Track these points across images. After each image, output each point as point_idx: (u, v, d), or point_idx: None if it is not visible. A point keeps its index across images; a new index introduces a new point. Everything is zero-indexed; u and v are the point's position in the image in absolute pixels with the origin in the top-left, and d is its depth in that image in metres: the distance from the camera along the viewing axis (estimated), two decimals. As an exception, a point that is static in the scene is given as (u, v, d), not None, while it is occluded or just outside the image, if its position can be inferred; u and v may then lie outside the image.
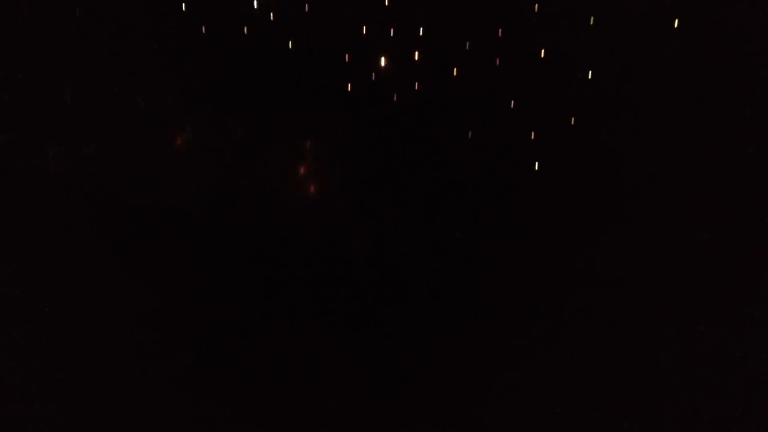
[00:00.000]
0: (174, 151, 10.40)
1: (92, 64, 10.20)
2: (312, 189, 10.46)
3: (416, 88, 10.43)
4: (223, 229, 9.82)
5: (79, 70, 10.04)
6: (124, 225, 9.61)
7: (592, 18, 9.33)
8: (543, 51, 9.68)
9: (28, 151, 9.63)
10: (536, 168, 9.96)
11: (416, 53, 10.26)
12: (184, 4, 10.14)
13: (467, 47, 10.06)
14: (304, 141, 10.61)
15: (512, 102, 10.02)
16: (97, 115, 10.09)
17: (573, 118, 9.63)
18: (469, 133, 10.14)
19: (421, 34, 10.18)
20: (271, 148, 10.46)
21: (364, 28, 10.28)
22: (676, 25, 9.10)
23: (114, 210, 9.71)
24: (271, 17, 10.36)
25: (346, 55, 10.41)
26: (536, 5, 9.57)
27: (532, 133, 9.95)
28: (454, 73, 10.24)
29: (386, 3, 10.13)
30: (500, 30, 9.80)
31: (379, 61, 10.36)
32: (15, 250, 9.17)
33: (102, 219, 9.62)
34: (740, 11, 8.52)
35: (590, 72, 9.30)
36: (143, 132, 10.23)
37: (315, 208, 10.30)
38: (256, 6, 10.36)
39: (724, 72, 8.81)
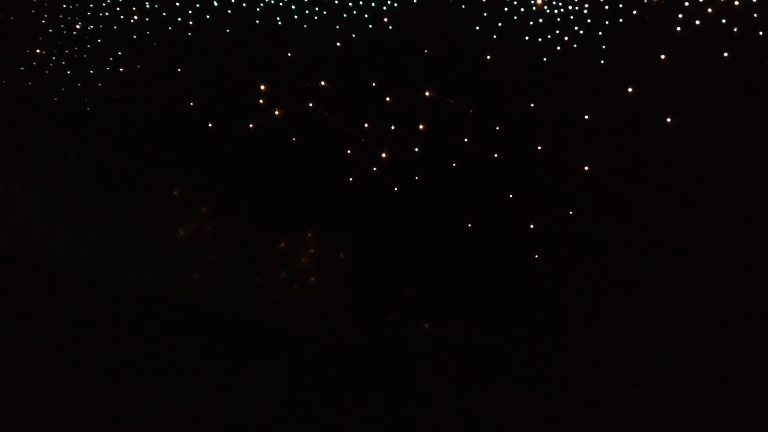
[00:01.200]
0: (179, 242, 10.56)
1: (101, 165, 10.51)
2: (313, 279, 10.52)
3: (416, 179, 10.67)
4: (226, 319, 9.86)
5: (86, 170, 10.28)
6: (127, 313, 9.71)
7: (586, 115, 9.61)
8: (539, 146, 9.92)
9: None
10: (536, 257, 10.04)
11: (416, 148, 10.54)
12: (191, 102, 10.51)
13: (466, 141, 10.34)
14: (305, 232, 10.75)
15: (511, 194, 10.19)
16: (103, 207, 10.32)
17: (571, 211, 9.76)
18: (469, 224, 10.29)
19: (421, 128, 10.49)
20: (275, 240, 10.61)
21: (366, 123, 10.62)
22: (668, 120, 9.33)
23: (117, 298, 9.83)
24: (276, 113, 10.72)
25: (348, 149, 10.71)
26: (531, 103, 9.88)
27: (531, 225, 10.08)
28: (454, 166, 10.49)
29: (387, 99, 10.50)
30: (497, 126, 10.07)
31: (381, 154, 10.64)
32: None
33: (104, 305, 9.73)
34: (729, 109, 8.78)
35: (586, 166, 9.48)
36: (149, 222, 10.43)
37: (316, 298, 10.35)
38: (261, 102, 10.73)
39: (715, 167, 9.00)
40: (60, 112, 10.78)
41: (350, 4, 9.94)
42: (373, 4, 9.92)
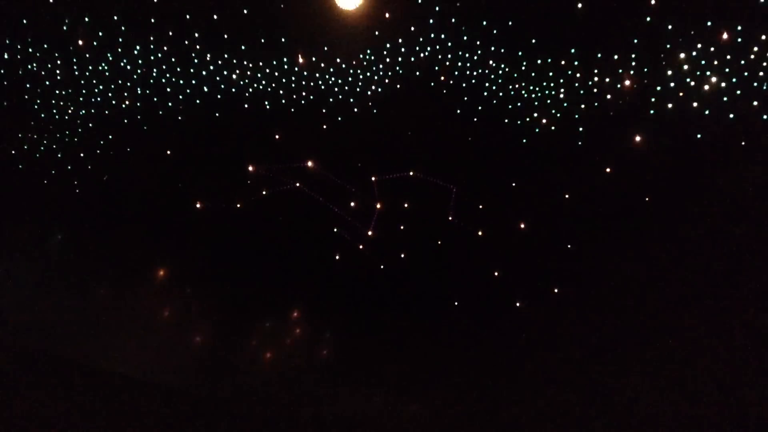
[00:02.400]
0: (165, 323, 10.51)
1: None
2: (299, 359, 10.45)
3: (402, 257, 10.79)
4: (214, 404, 9.72)
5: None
6: (112, 396, 9.54)
7: (567, 194, 9.84)
8: (522, 224, 10.11)
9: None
10: (523, 337, 10.08)
11: (401, 225, 10.71)
12: (180, 183, 10.67)
13: (450, 219, 10.53)
14: (292, 311, 10.75)
15: (496, 272, 10.31)
16: (89, 288, 10.30)
17: (556, 288, 9.86)
18: (455, 302, 10.36)
19: (405, 206, 10.69)
20: (261, 320, 10.60)
21: (352, 202, 10.81)
22: (647, 199, 9.56)
23: (103, 381, 9.68)
24: (263, 192, 10.90)
25: (334, 228, 10.85)
26: (513, 182, 10.13)
27: (517, 303, 10.17)
28: (439, 243, 10.65)
29: (373, 178, 10.72)
30: (481, 204, 10.28)
31: (367, 232, 10.78)
32: None
33: (90, 388, 9.56)
34: (703, 187, 9.02)
35: (569, 245, 9.63)
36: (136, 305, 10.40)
37: (303, 378, 10.25)
38: (249, 182, 10.92)
39: (691, 242, 9.19)
40: (49, 194, 10.89)
41: (336, 89, 10.27)
42: (358, 89, 10.26)
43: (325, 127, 10.57)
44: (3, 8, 10.08)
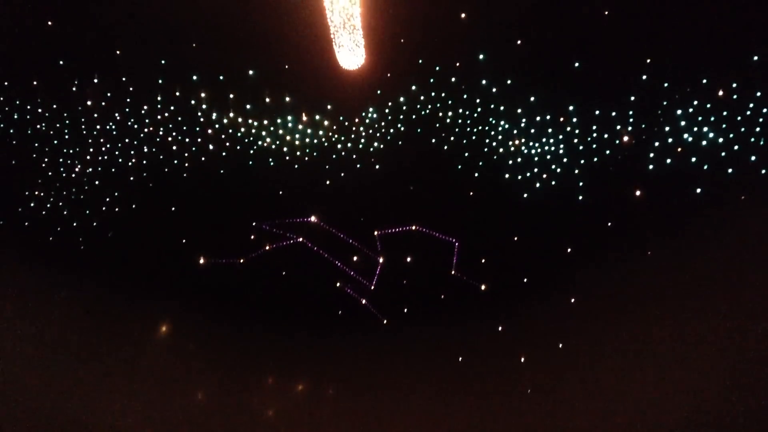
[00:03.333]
0: (167, 379, 10.43)
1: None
2: (302, 416, 10.31)
3: (405, 312, 10.76)
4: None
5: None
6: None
7: (569, 248, 9.87)
8: (525, 278, 10.11)
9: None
10: (528, 391, 9.95)
11: (404, 280, 10.72)
12: (184, 239, 10.76)
13: (453, 273, 10.54)
14: (295, 367, 10.67)
15: (500, 326, 10.26)
16: (92, 345, 10.26)
17: (560, 344, 9.79)
18: (459, 357, 10.28)
19: (408, 261, 10.71)
20: (263, 376, 10.51)
21: (355, 256, 10.85)
22: (649, 253, 9.58)
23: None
24: (267, 248, 10.95)
25: (337, 282, 10.86)
26: (516, 236, 10.18)
27: (522, 358, 10.07)
28: (442, 298, 10.63)
29: (375, 233, 10.79)
30: (483, 258, 10.31)
31: (370, 286, 10.78)
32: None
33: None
34: (703, 240, 9.05)
35: (572, 299, 9.61)
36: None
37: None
38: (253, 237, 10.99)
39: (693, 295, 9.16)
40: (55, 251, 10.96)
41: (339, 146, 10.44)
42: (360, 145, 10.42)
43: (328, 182, 10.71)
44: (14, 70, 10.36)
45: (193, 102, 10.33)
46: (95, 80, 10.35)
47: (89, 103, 10.46)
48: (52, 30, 9.86)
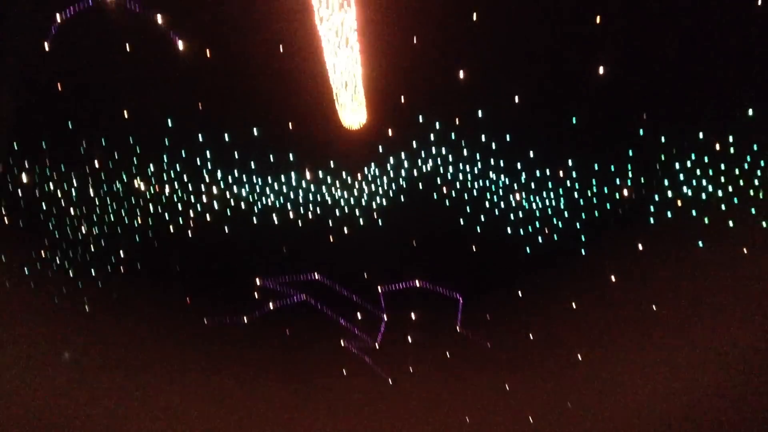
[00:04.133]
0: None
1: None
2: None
3: (411, 371, 10.63)
4: None
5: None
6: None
7: (573, 303, 9.81)
8: (531, 334, 10.02)
9: None
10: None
11: (409, 336, 10.63)
12: (188, 299, 10.76)
13: (458, 330, 10.46)
14: (299, 428, 10.49)
15: (507, 384, 10.10)
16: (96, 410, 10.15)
17: (568, 402, 9.61)
18: (467, 418, 10.09)
19: (412, 317, 10.66)
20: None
21: (359, 313, 10.80)
22: (654, 308, 9.50)
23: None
24: (271, 306, 10.93)
25: (342, 340, 10.79)
26: (520, 291, 10.14)
27: (530, 417, 9.88)
28: (447, 355, 10.51)
29: (379, 289, 10.77)
30: (488, 314, 10.25)
31: (374, 345, 10.69)
32: None
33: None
34: (707, 294, 8.99)
35: (579, 355, 9.49)
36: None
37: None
38: (256, 296, 10.99)
39: (703, 351, 9.04)
40: (60, 313, 10.95)
41: (342, 202, 10.55)
42: (363, 202, 10.53)
43: (331, 239, 10.76)
44: (23, 132, 10.61)
45: (198, 161, 10.51)
46: (102, 141, 10.57)
47: (96, 164, 10.65)
48: (61, 93, 10.13)
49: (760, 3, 8.25)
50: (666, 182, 9.23)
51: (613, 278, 9.52)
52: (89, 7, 8.66)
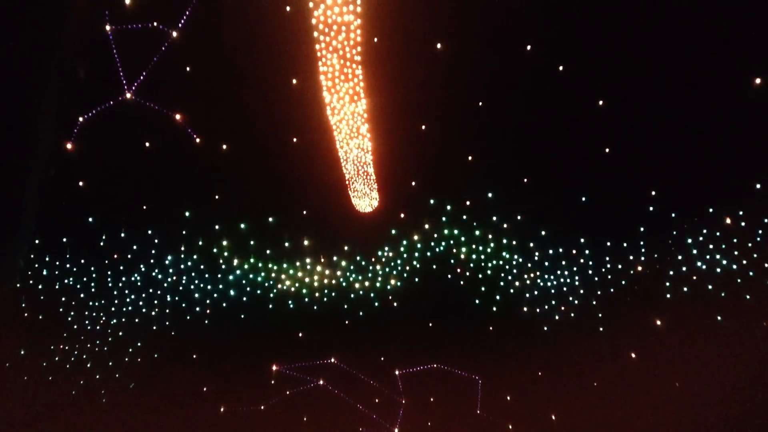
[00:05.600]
0: None
1: None
2: None
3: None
4: None
5: None
6: None
7: (594, 382, 9.67)
8: (553, 415, 9.84)
9: None
10: None
11: (428, 422, 10.47)
12: (205, 387, 10.72)
13: (478, 412, 10.31)
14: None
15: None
16: None
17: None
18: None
19: (431, 401, 10.53)
20: None
21: (377, 398, 10.68)
22: (677, 385, 9.33)
23: None
24: (287, 392, 10.84)
25: (360, 428, 10.63)
26: (540, 371, 10.03)
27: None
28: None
29: (396, 372, 10.69)
30: (508, 395, 10.10)
31: (393, 429, 10.51)
32: None
33: None
34: (736, 376, 8.84)
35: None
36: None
37: None
38: (273, 382, 10.91)
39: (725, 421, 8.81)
40: (77, 405, 10.90)
41: (356, 285, 10.63)
42: (378, 284, 10.60)
43: (347, 322, 10.78)
44: (45, 227, 10.85)
45: (215, 250, 10.69)
46: (122, 234, 10.79)
47: (115, 256, 10.85)
48: (82, 190, 10.43)
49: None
50: (679, 257, 9.26)
51: (633, 355, 9.42)
52: (110, 108, 9.02)
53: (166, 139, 9.55)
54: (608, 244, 9.53)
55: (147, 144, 9.63)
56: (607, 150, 9.11)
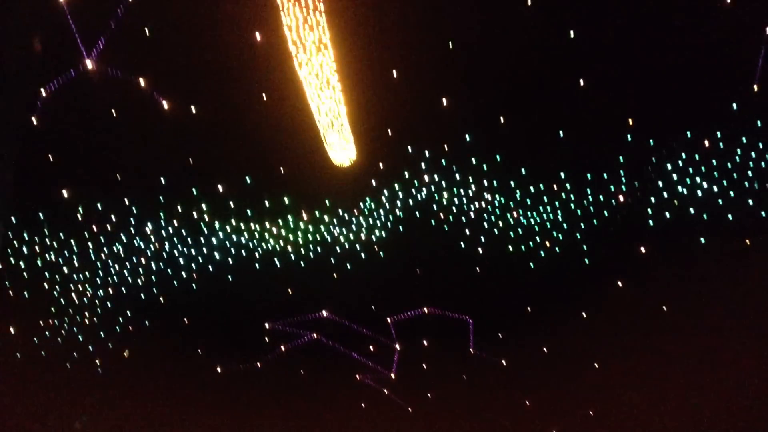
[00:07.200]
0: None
1: None
2: None
3: (429, 397, 10.62)
4: None
5: None
6: None
7: (584, 312, 9.81)
8: (545, 348, 10.02)
9: None
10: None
11: (423, 364, 10.64)
12: (199, 350, 10.77)
13: (471, 351, 10.47)
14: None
15: (527, 401, 10.10)
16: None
17: (591, 410, 9.59)
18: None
19: (425, 344, 10.66)
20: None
21: (371, 346, 10.80)
22: (664, 308, 9.49)
23: None
24: (282, 348, 10.93)
25: (357, 375, 10.78)
26: (529, 307, 10.15)
27: (554, 430, 9.87)
28: (464, 378, 10.51)
29: (388, 320, 10.78)
30: (500, 333, 10.26)
31: (390, 375, 10.69)
32: None
33: None
34: (720, 293, 8.99)
35: (595, 363, 9.47)
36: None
37: None
38: (267, 339, 10.99)
39: (713, 350, 9.03)
40: (73, 378, 10.95)
41: (341, 238, 10.59)
42: (362, 236, 10.56)
43: (335, 276, 10.78)
44: (20, 205, 10.65)
45: (195, 215, 10.56)
46: (98, 205, 10.61)
47: (95, 228, 10.69)
48: (53, 164, 10.19)
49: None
50: (660, 184, 9.27)
51: (619, 284, 9.53)
52: (72, 78, 8.72)
53: (132, 105, 9.29)
54: (588, 176, 9.51)
55: (113, 112, 9.38)
56: (581, 82, 8.97)
